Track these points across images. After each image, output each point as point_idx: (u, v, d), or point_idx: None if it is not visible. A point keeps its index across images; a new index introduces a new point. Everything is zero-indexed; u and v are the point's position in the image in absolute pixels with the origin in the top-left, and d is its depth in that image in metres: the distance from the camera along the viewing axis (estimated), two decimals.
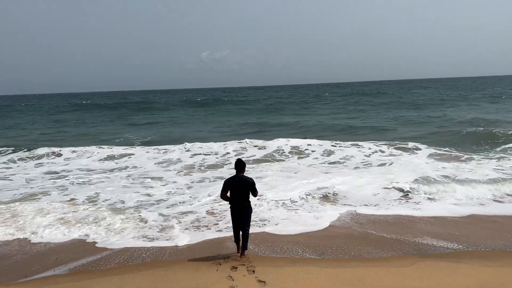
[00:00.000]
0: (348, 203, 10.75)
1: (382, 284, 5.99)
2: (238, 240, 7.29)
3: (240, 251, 7.23)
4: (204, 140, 22.32)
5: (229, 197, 7.15)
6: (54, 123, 42.21)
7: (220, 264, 6.78)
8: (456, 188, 11.43)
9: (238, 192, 7.05)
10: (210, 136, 25.95)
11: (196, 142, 21.62)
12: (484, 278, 6.15)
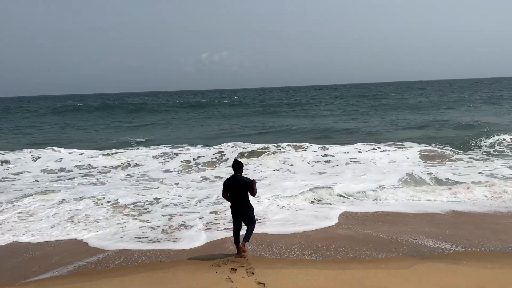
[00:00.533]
0: (347, 204, 10.80)
1: (381, 286, 6.00)
2: (237, 242, 7.31)
3: (241, 241, 7.22)
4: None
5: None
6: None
7: (219, 266, 6.78)
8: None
9: (235, 192, 7.16)
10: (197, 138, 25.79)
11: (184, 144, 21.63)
12: (483, 279, 6.18)
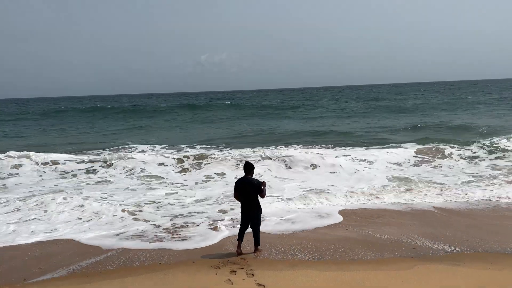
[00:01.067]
0: (346, 205, 10.80)
1: (381, 287, 6.00)
2: (240, 239, 7.45)
3: (254, 248, 7.52)
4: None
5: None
6: None
7: (219, 267, 6.78)
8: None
9: (245, 193, 7.38)
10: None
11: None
12: (483, 280, 6.19)
